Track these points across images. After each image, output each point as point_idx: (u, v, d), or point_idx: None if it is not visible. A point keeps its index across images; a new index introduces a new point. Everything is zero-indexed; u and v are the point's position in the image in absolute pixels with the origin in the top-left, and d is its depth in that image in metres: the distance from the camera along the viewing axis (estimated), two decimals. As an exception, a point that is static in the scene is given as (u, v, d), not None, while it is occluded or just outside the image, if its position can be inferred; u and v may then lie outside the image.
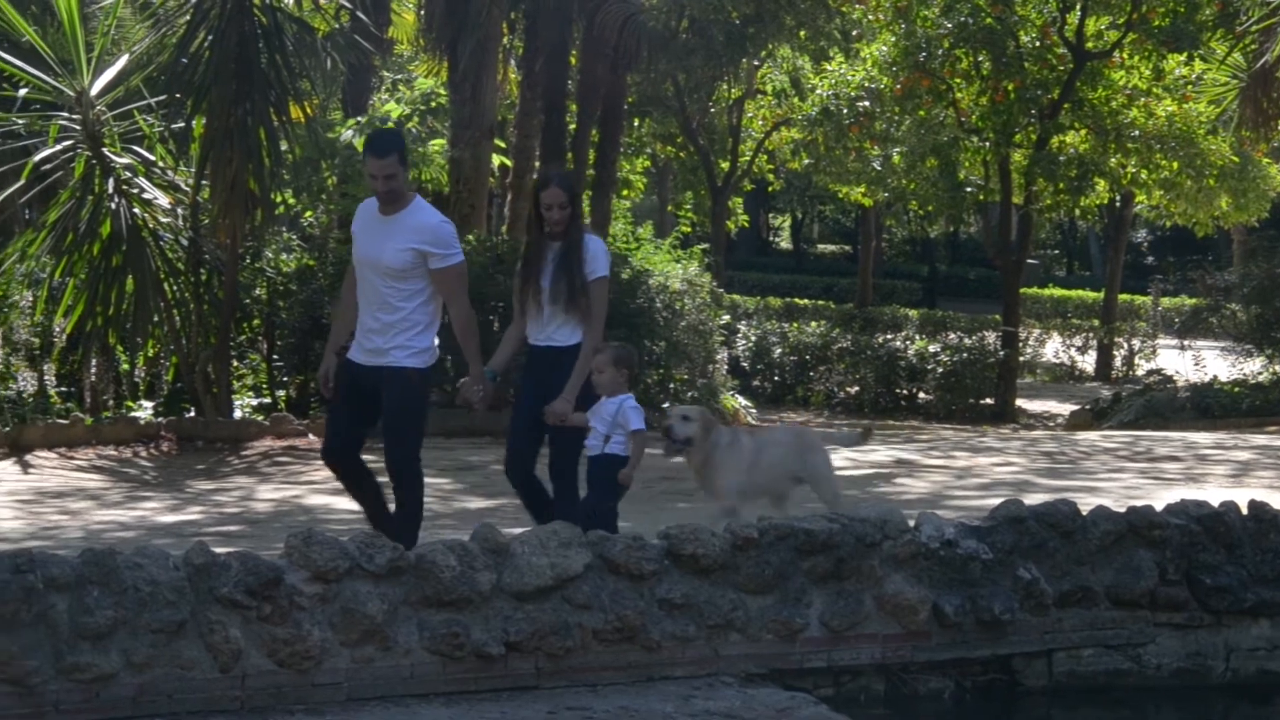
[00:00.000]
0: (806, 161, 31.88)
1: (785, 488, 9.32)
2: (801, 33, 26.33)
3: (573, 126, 26.01)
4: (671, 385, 21.27)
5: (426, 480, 13.73)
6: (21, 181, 16.45)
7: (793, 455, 9.31)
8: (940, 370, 26.11)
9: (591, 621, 6.92)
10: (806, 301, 38.42)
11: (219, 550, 6.54)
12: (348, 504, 12.96)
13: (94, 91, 16.70)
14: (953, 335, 27.83)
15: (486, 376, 8.82)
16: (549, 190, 8.80)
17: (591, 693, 6.84)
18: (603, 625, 6.94)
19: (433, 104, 24.19)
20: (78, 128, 16.70)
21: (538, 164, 25.06)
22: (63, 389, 17.88)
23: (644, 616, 7.02)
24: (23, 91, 16.73)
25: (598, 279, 8.76)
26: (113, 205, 16.68)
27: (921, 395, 26.51)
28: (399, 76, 29.03)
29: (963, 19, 25.80)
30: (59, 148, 16.49)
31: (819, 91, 28.81)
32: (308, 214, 20.67)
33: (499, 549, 6.90)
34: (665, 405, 20.58)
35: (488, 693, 6.70)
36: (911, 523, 7.77)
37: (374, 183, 8.49)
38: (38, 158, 16.40)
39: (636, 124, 32.92)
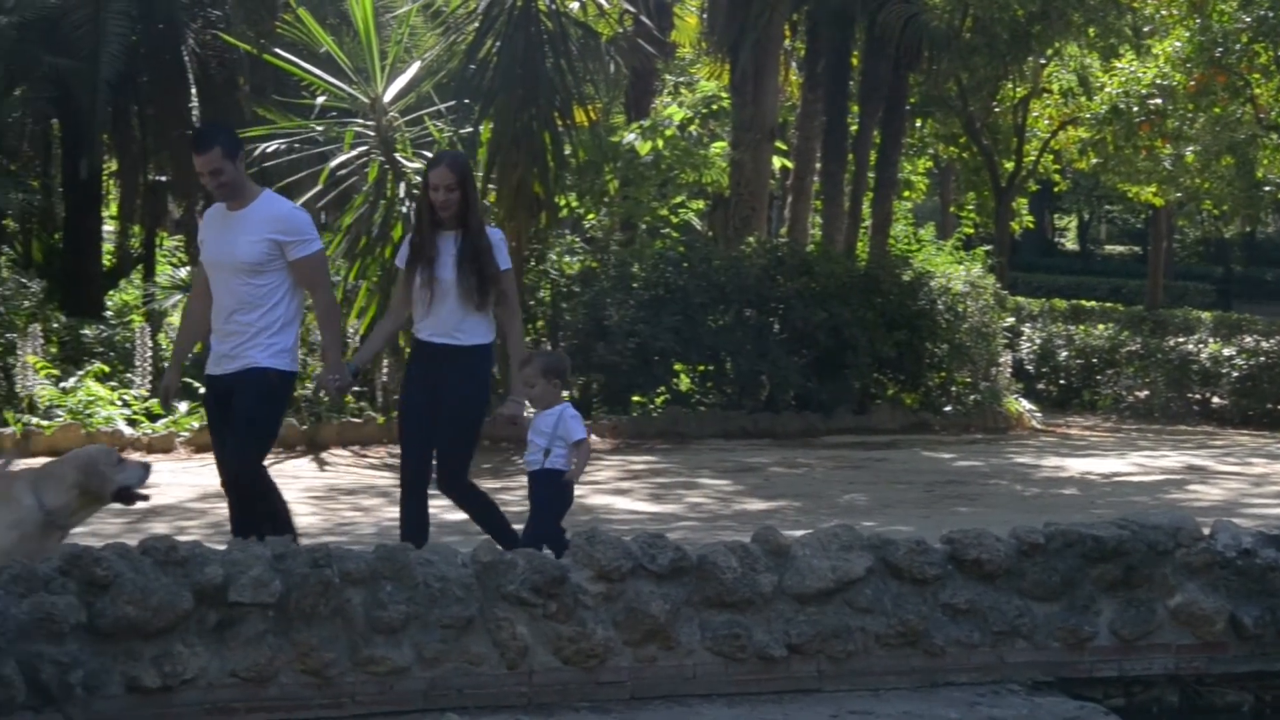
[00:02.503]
0: (1094, 161, 31.16)
1: None
2: (1090, 30, 25.78)
3: (854, 127, 25.86)
4: (954, 388, 21.01)
5: (707, 481, 13.75)
6: (319, 187, 16.96)
7: None
8: (1235, 374, 25.27)
9: (873, 625, 6.85)
10: (1093, 303, 37.51)
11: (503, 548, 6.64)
12: (630, 503, 13.10)
13: (387, 98, 17.12)
14: (1249, 338, 26.88)
15: (349, 370, 8.42)
16: (437, 170, 8.20)
17: (874, 697, 6.77)
18: (885, 629, 6.87)
19: (714, 107, 24.28)
20: (371, 134, 17.15)
21: (819, 165, 24.98)
22: (356, 389, 18.36)
23: (927, 621, 6.92)
24: (321, 99, 17.24)
25: (506, 270, 8.24)
26: (404, 209, 17.08)
27: (1215, 400, 25.70)
28: (681, 80, 29.22)
29: (1262, 12, 24.91)
30: (354, 153, 16.96)
31: (1108, 89, 28.12)
32: (590, 216, 20.92)
33: (780, 551, 6.87)
34: (947, 409, 20.34)
35: (769, 694, 6.68)
36: (1206, 530, 7.53)
37: (202, 180, 8.04)
38: (334, 163, 16.89)
39: (919, 124, 32.59)
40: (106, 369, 17.58)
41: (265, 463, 8.24)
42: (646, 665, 6.56)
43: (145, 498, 7.40)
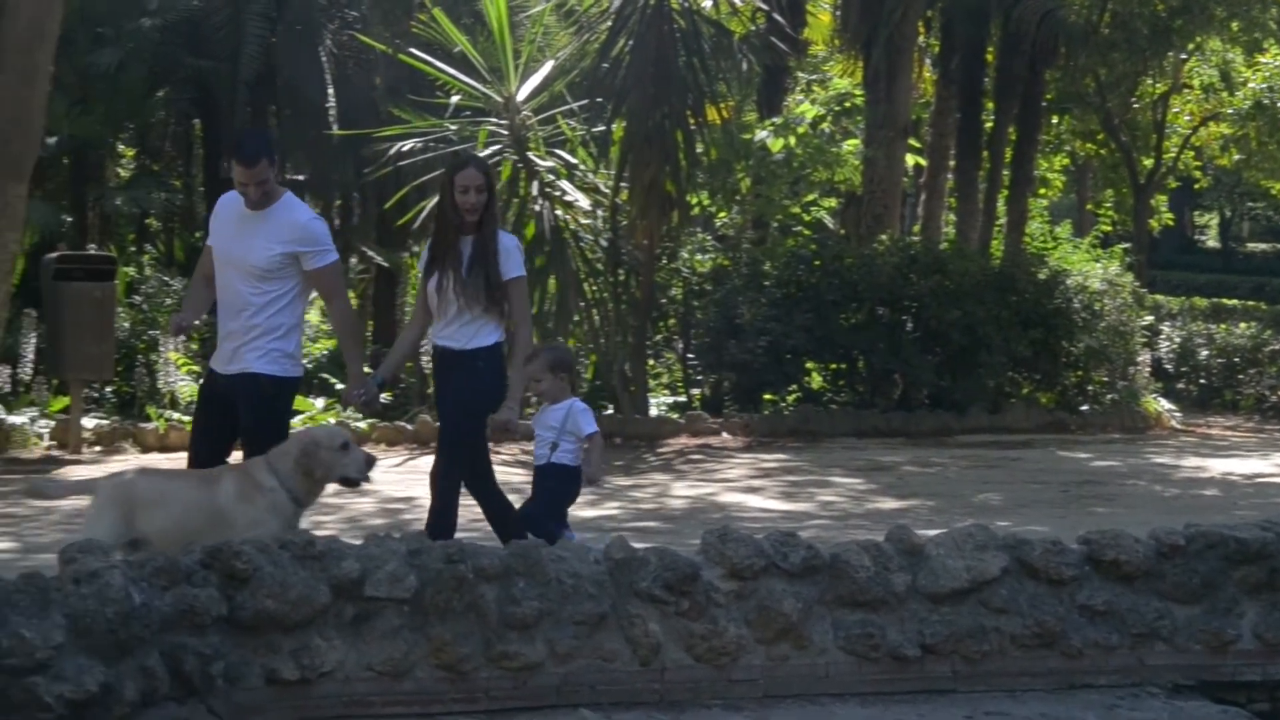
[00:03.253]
0: (1237, 157, 30.67)
1: None
2: (1233, 24, 25.34)
3: (989, 124, 25.62)
4: (1090, 388, 20.75)
5: (839, 480, 13.69)
6: (453, 186, 17.07)
7: None
8: (1381, 374, 24.73)
9: (1009, 626, 6.78)
10: (1235, 302, 36.88)
11: (637, 545, 6.64)
12: (762, 501, 13.08)
13: (520, 97, 17.23)
14: (1395, 337, 26.28)
15: (374, 383, 8.29)
16: (465, 171, 8.05)
17: (1010, 698, 6.70)
18: (1021, 630, 6.79)
19: (846, 104, 24.16)
20: (505, 132, 17.26)
21: (953, 163, 24.79)
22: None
23: (1064, 623, 6.84)
24: (455, 99, 17.39)
25: (517, 278, 8.09)
26: (536, 207, 17.18)
27: (1361, 401, 25.16)
28: (813, 77, 29.11)
29: None
30: (487, 152, 17.07)
31: (1251, 85, 27.64)
32: (721, 214, 20.91)
33: (913, 550, 6.82)
34: (1084, 408, 20.09)
35: (903, 694, 6.63)
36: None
37: (244, 190, 7.79)
38: (467, 162, 17.01)
39: (1055, 121, 32.18)
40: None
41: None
42: (779, 664, 6.54)
43: (361, 482, 7.49)
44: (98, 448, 15.76)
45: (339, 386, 17.90)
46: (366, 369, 8.87)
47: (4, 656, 5.31)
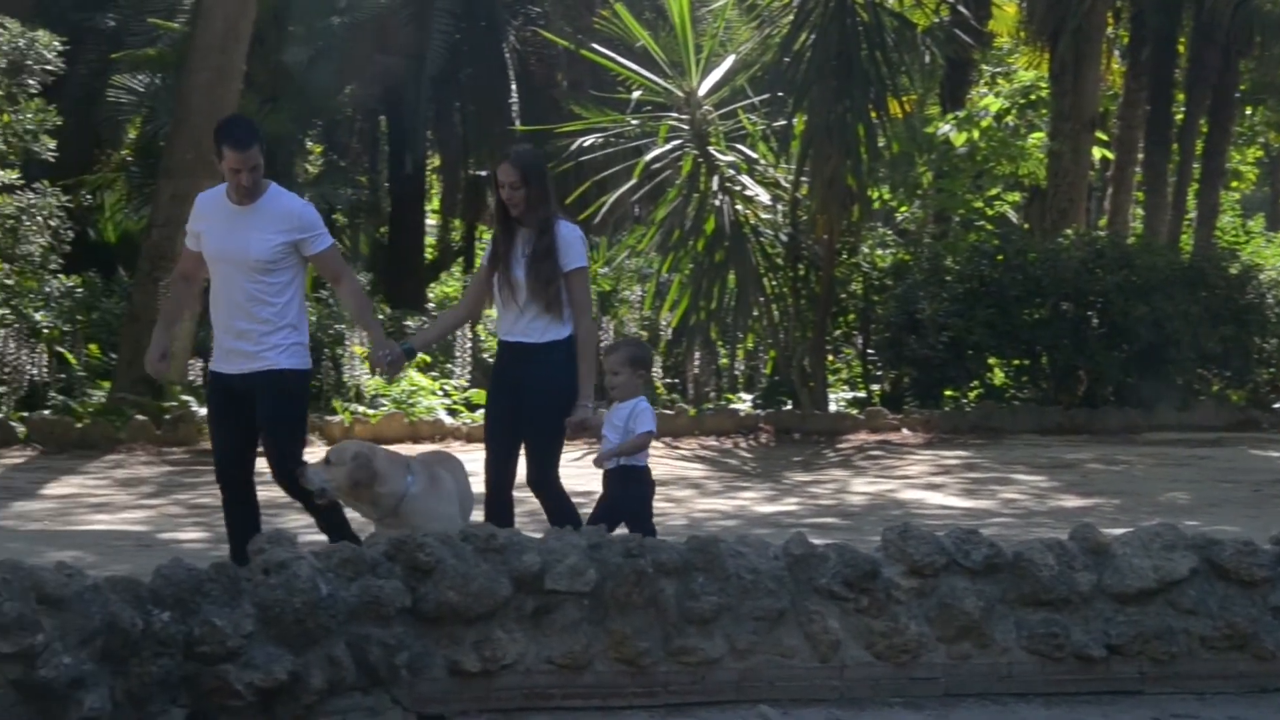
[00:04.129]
0: None
1: None
2: None
3: (1179, 116, 25.12)
4: (1285, 385, 20.25)
5: (1021, 477, 13.50)
6: (633, 180, 17.17)
7: None
8: None
9: (1198, 627, 6.65)
10: None
11: (816, 542, 6.62)
12: (942, 498, 12.95)
13: (701, 92, 17.24)
14: None
15: (403, 348, 8.11)
16: (501, 166, 7.95)
17: (1199, 701, 6.57)
18: (1210, 632, 6.65)
19: (1032, 97, 23.83)
20: (686, 127, 17.29)
21: (1141, 156, 24.35)
22: (668, 380, 18.54)
23: (1256, 624, 6.68)
24: (636, 94, 17.46)
25: (576, 269, 7.88)
26: (716, 202, 17.18)
27: None
28: (998, 70, 28.76)
29: None
30: (668, 147, 17.12)
31: None
32: (903, 209, 20.74)
33: (1098, 549, 6.71)
34: (1277, 406, 19.62)
35: (1087, 695, 6.53)
36: None
37: (236, 176, 7.58)
38: (648, 157, 17.08)
39: (1249, 112, 31.47)
40: (428, 360, 18.06)
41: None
42: (960, 662, 6.48)
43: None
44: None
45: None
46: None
47: (197, 644, 5.44)
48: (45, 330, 16.91)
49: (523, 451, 8.03)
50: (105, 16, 23.80)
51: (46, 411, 15.55)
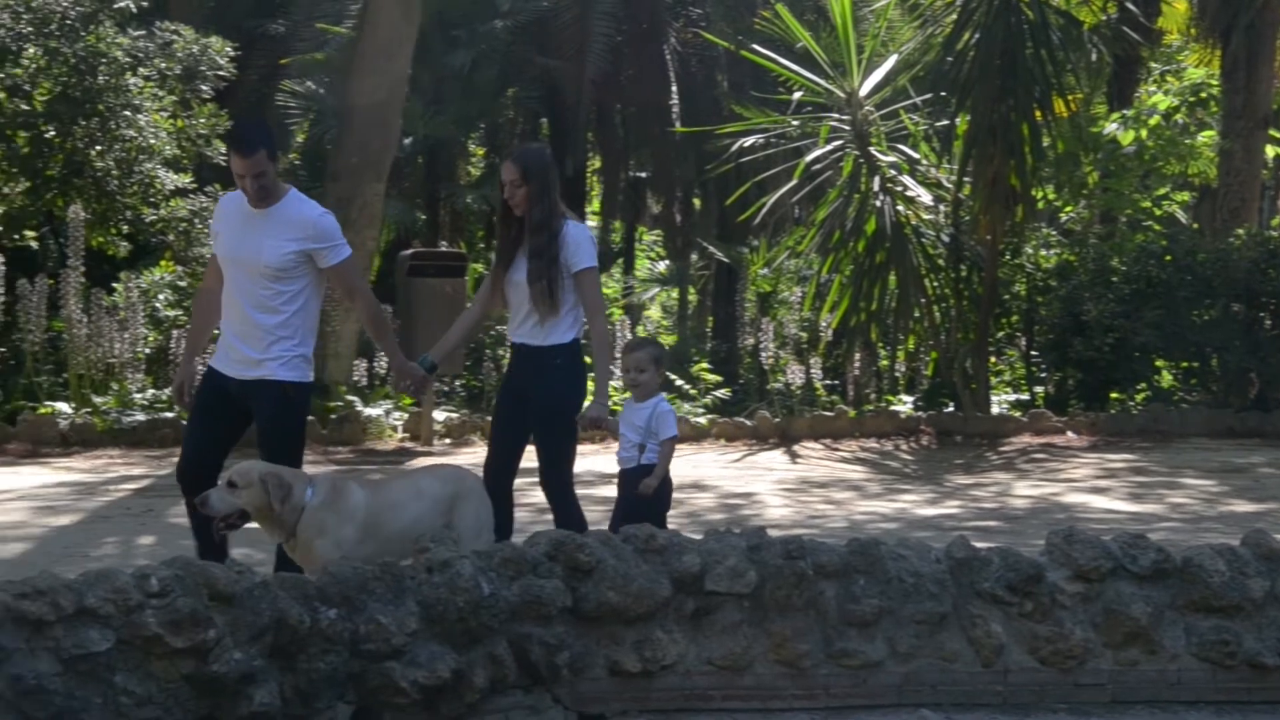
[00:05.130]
0: None
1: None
2: None
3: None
4: None
5: (1190, 481, 13.22)
6: (793, 181, 17.13)
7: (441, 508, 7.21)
8: None
9: (1375, 638, 6.48)
10: None
11: (978, 545, 6.55)
12: (1108, 502, 12.76)
13: (863, 92, 17.16)
14: None
15: (420, 364, 7.92)
16: (504, 164, 7.85)
17: (1374, 714, 6.41)
18: (1388, 643, 6.48)
19: (1202, 95, 23.39)
20: (847, 128, 17.21)
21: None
22: (828, 382, 18.46)
23: None
24: (797, 95, 17.42)
25: (585, 270, 7.72)
26: (877, 203, 17.08)
27: None
28: (1167, 68, 28.25)
29: None
30: (828, 148, 17.05)
31: None
32: (1067, 209, 20.47)
33: (1272, 555, 6.56)
34: None
35: (1260, 705, 6.40)
36: None
37: (241, 182, 7.41)
38: (809, 158, 17.03)
39: None
40: (589, 360, 18.12)
41: None
42: (1127, 669, 6.38)
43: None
44: (447, 440, 16.24)
45: (678, 382, 18.10)
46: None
47: (362, 642, 5.51)
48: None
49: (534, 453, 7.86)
50: (275, 23, 24.24)
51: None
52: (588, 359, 7.95)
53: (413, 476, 7.54)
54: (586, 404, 7.87)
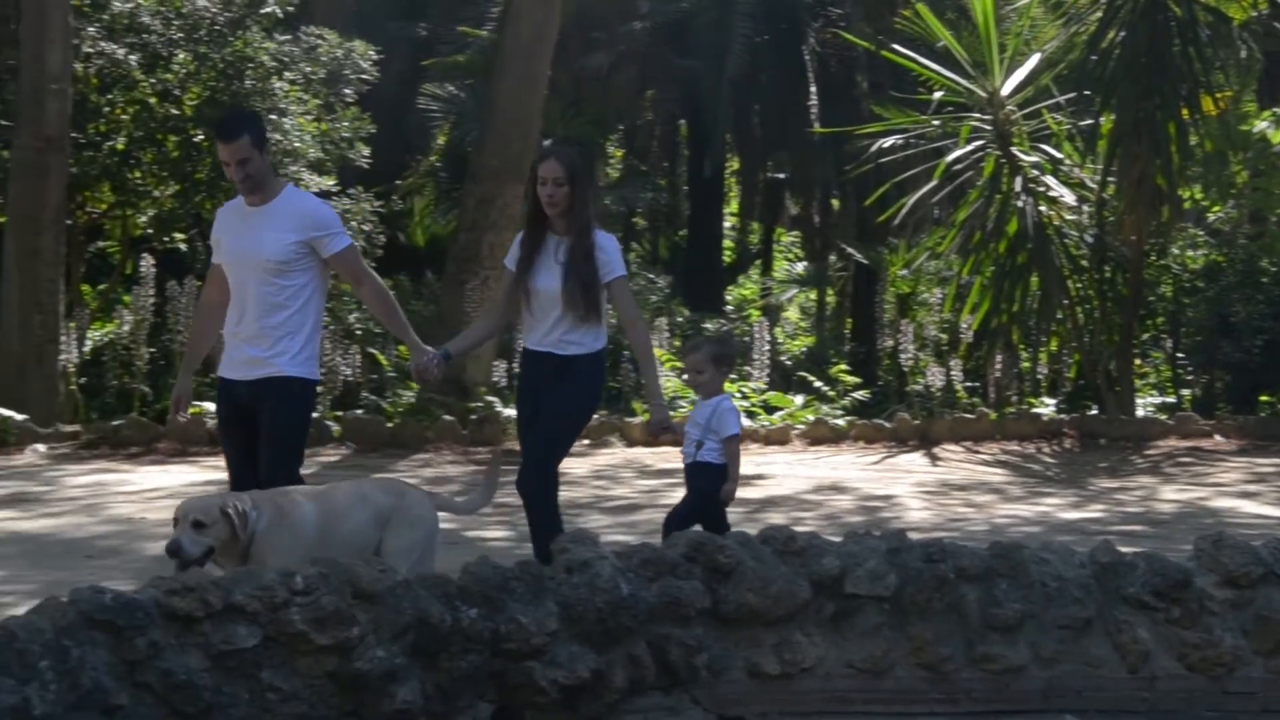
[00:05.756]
0: None
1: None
2: None
3: None
4: None
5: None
6: (933, 182, 17.01)
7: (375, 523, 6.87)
8: None
9: None
10: None
11: (1123, 550, 6.45)
12: (1258, 507, 12.52)
13: (1005, 91, 17.00)
14: None
15: (439, 354, 7.71)
16: (545, 163, 7.60)
17: None
18: None
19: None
20: (988, 128, 17.06)
21: None
22: (968, 384, 18.30)
23: None
24: (937, 94, 17.29)
25: (619, 278, 7.57)
26: (1019, 203, 16.91)
27: None
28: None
29: None
30: (969, 148, 16.91)
31: None
32: (1215, 209, 20.13)
33: None
34: None
35: None
36: None
37: (228, 170, 7.37)
38: (949, 158, 16.90)
39: None
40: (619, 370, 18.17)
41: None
42: (1278, 677, 6.25)
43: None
44: (586, 441, 16.30)
45: (816, 384, 18.03)
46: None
47: (503, 641, 5.54)
48: (358, 332, 17.47)
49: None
50: (417, 26, 24.50)
51: (359, 411, 16.06)
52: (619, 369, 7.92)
53: (358, 483, 7.33)
54: (650, 412, 7.82)
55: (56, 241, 16.27)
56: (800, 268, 27.90)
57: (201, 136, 17.86)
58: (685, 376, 8.04)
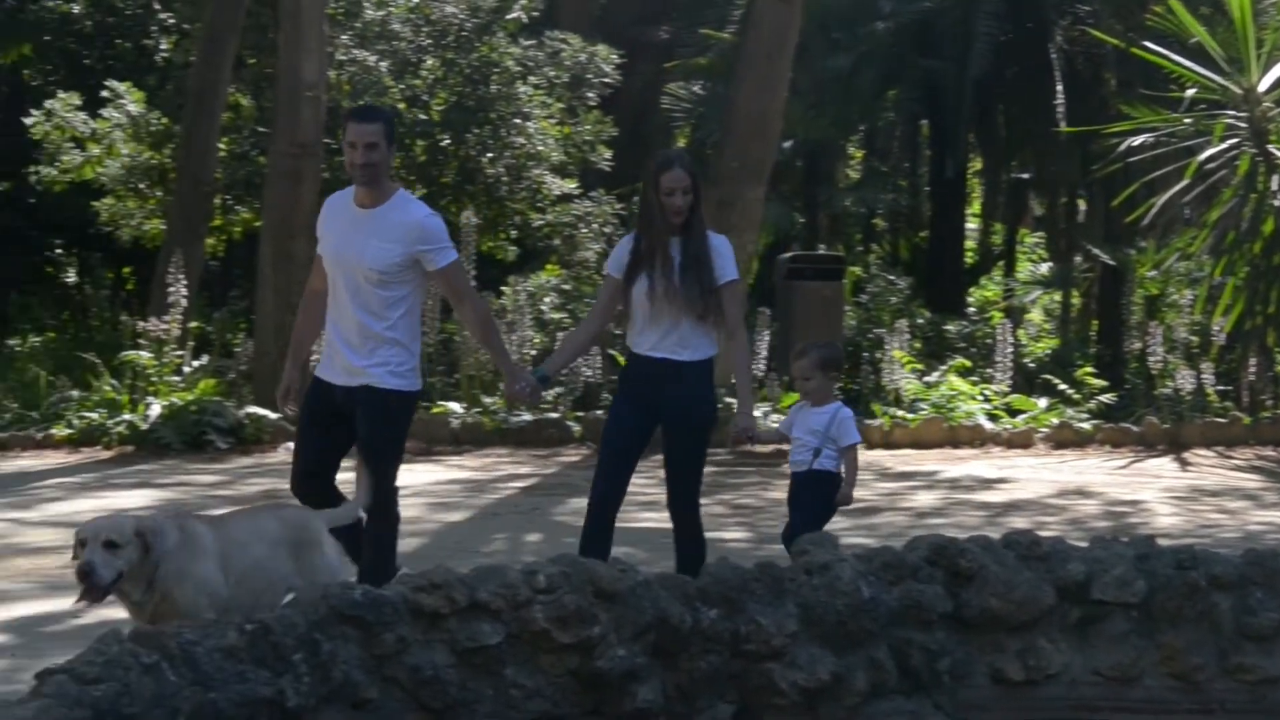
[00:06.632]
0: None
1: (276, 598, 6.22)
2: None
3: None
4: None
5: None
6: (1184, 181, 16.61)
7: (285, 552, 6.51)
8: None
9: None
10: None
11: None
12: None
13: (1261, 88, 16.56)
14: None
15: (535, 376, 7.57)
16: (671, 173, 7.38)
17: None
18: None
19: None
20: (1243, 125, 16.61)
21: None
22: (1220, 388, 17.83)
23: None
24: (1190, 92, 16.88)
25: (731, 281, 7.42)
26: (1276, 203, 16.45)
27: None
28: None
29: None
30: (1223, 146, 16.47)
31: None
32: None
33: None
34: None
35: None
36: None
37: (352, 154, 7.24)
38: (1201, 157, 16.49)
39: None
40: (967, 364, 17.97)
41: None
42: None
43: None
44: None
45: (1061, 386, 17.73)
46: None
47: (743, 642, 5.55)
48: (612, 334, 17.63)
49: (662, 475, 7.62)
50: (659, 29, 24.65)
51: (599, 412, 16.20)
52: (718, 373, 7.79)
53: (254, 515, 6.86)
54: (735, 418, 7.66)
55: (309, 246, 16.69)
56: (1044, 269, 27.44)
57: (448, 141, 18.19)
58: (796, 383, 7.88)
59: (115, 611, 6.42)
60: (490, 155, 18.38)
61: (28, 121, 20.10)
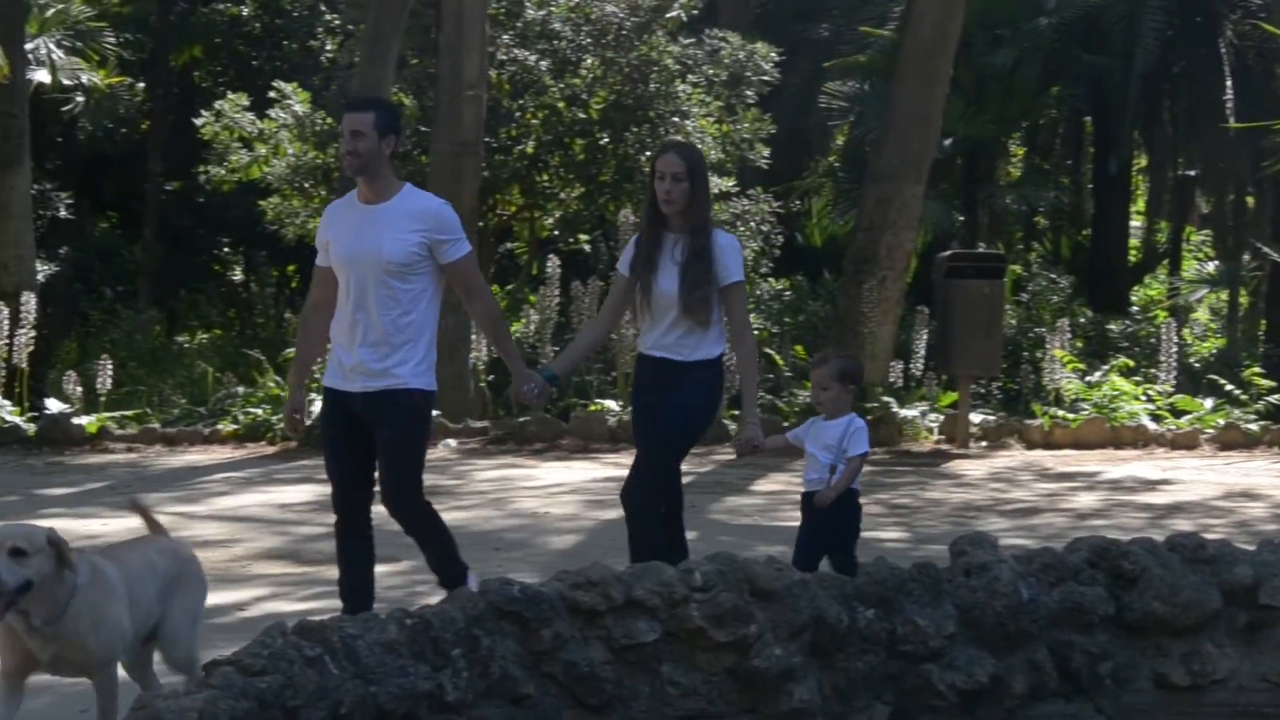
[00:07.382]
0: None
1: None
2: None
3: None
4: None
5: None
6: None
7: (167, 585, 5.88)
8: None
9: None
10: None
11: None
12: None
13: None
14: None
15: (544, 376, 7.34)
16: (664, 156, 7.23)
17: None
18: None
19: None
20: None
21: None
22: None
23: None
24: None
25: (735, 283, 7.19)
26: None
27: None
28: None
29: None
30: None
31: None
32: None
33: None
34: None
35: None
36: None
37: (344, 142, 6.96)
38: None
39: None
40: (1130, 364, 17.72)
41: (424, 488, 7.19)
42: None
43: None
44: (984, 443, 16.07)
45: (1227, 387, 17.39)
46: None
47: (900, 643, 5.52)
48: (754, 332, 17.61)
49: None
50: (819, 27, 24.56)
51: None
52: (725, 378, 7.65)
53: (139, 549, 6.04)
54: (740, 427, 7.50)
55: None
56: (1211, 267, 26.94)
57: (606, 139, 18.27)
58: (812, 394, 7.66)
59: (281, 604, 6.53)
60: (649, 154, 18.43)
61: (198, 122, 20.53)
